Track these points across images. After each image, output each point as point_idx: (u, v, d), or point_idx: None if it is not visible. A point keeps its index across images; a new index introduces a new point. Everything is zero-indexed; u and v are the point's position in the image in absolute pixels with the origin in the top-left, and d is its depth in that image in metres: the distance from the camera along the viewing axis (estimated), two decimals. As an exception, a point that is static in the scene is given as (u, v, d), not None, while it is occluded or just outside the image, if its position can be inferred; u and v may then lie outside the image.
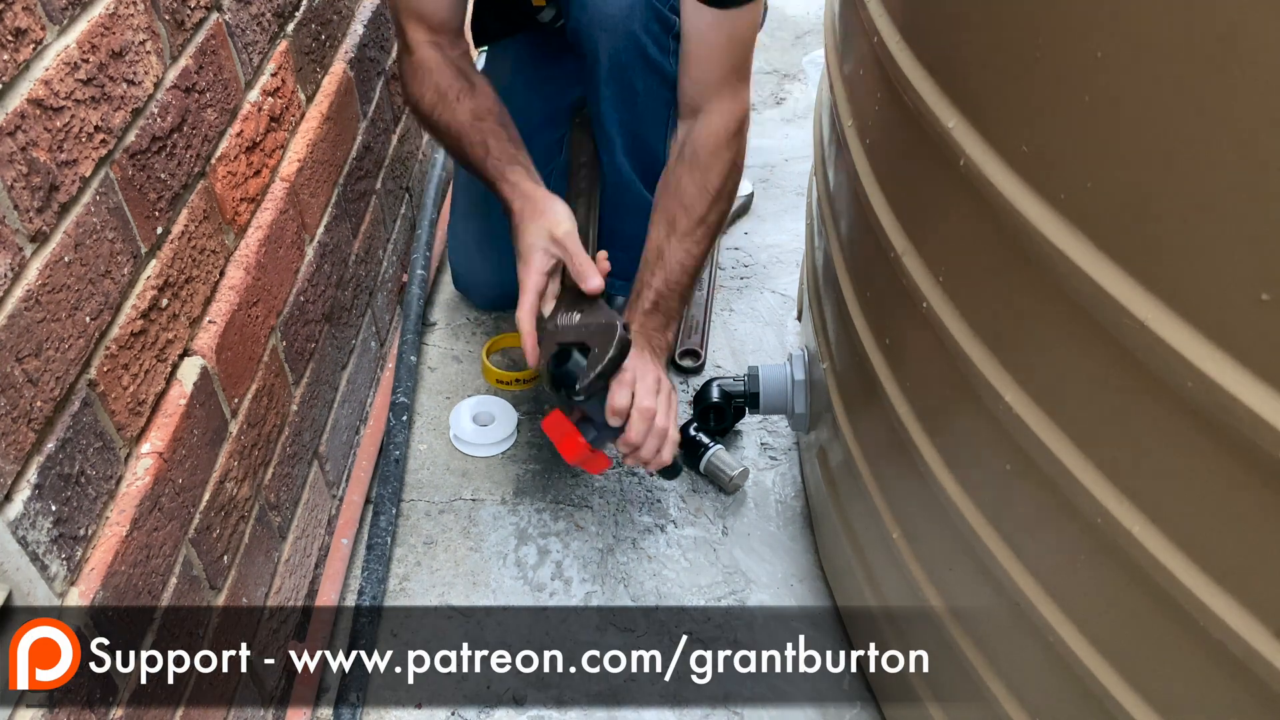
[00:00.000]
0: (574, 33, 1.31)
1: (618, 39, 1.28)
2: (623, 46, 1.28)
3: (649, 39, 1.28)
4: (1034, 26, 0.61)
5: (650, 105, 1.34)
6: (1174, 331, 0.53)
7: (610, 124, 1.35)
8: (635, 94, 1.32)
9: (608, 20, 1.26)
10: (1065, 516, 0.67)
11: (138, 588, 0.78)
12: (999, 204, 0.65)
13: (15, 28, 0.64)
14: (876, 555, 1.06)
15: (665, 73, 1.31)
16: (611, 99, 1.32)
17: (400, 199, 1.64)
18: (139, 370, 0.81)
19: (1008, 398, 0.69)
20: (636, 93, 1.32)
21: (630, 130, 1.36)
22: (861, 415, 1.05)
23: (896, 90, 0.80)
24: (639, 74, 1.30)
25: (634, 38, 1.27)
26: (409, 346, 1.55)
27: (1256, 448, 0.51)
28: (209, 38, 0.93)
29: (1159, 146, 0.53)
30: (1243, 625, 0.55)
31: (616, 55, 1.28)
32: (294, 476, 1.15)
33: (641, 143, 1.38)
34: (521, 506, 1.41)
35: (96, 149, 0.74)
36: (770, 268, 1.85)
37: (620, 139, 1.37)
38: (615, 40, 1.28)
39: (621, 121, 1.35)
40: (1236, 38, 0.48)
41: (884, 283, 0.90)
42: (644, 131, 1.37)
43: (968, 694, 0.87)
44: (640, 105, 1.34)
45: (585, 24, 1.28)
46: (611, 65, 1.29)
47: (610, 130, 1.36)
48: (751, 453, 1.50)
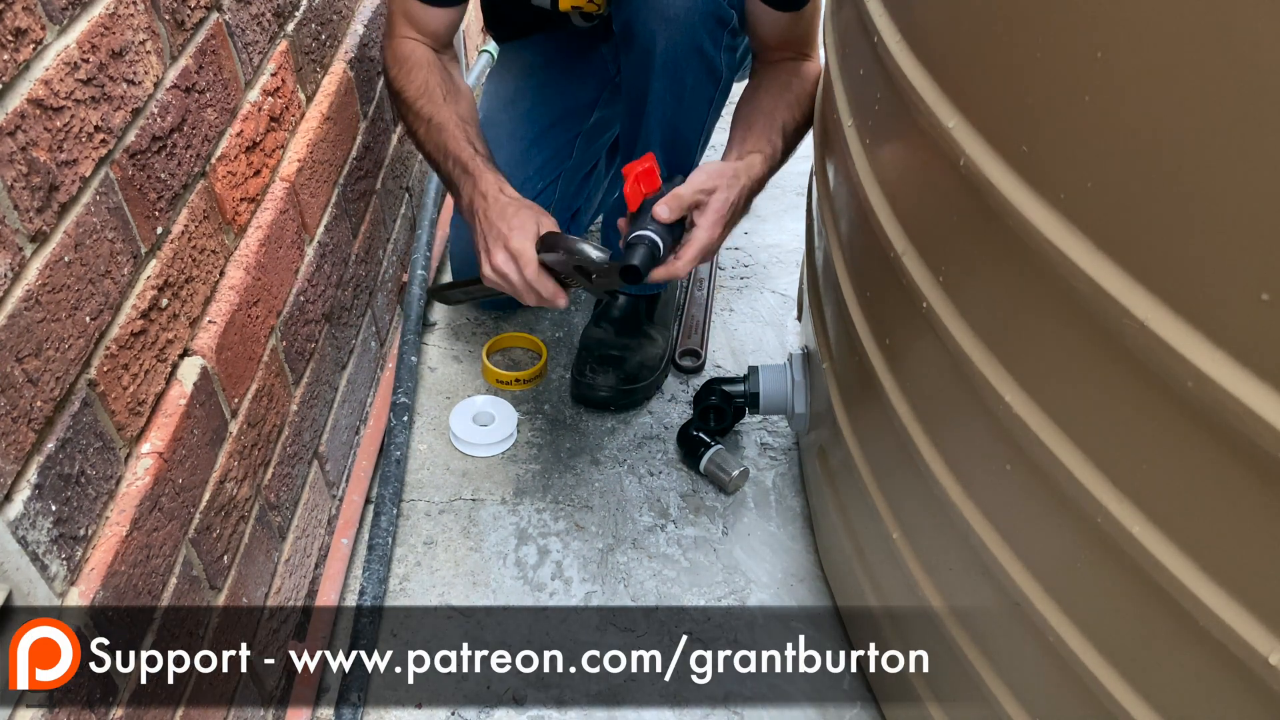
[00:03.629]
0: (626, 24, 1.31)
1: (677, 31, 1.28)
2: (680, 40, 1.29)
3: (705, 33, 1.29)
4: (1034, 26, 0.61)
5: (694, 101, 1.35)
6: (1174, 331, 0.53)
7: (653, 117, 1.35)
8: (684, 88, 1.33)
9: (670, 9, 1.27)
10: (1065, 516, 0.67)
11: (138, 588, 0.78)
12: (999, 204, 0.65)
13: (15, 28, 0.64)
14: (876, 555, 1.06)
15: (715, 68, 1.33)
16: (660, 92, 1.33)
17: (400, 199, 1.64)
18: (139, 370, 0.81)
19: (1008, 398, 0.69)
20: (685, 87, 1.33)
21: (672, 125, 1.37)
22: (861, 415, 1.05)
23: (896, 90, 0.80)
24: (691, 69, 1.31)
25: (693, 31, 1.28)
26: (409, 346, 1.55)
27: (1256, 448, 0.51)
28: (209, 37, 0.93)
29: (1159, 146, 0.53)
30: (1243, 625, 0.55)
31: (673, 49, 1.29)
32: (294, 476, 1.15)
33: (679, 138, 1.39)
34: (521, 506, 1.41)
35: (96, 149, 0.74)
36: (770, 268, 1.85)
37: (659, 132, 1.37)
38: (674, 34, 1.28)
39: (665, 115, 1.35)
40: (1236, 37, 0.48)
41: (884, 283, 0.90)
42: (684, 126, 1.38)
43: (968, 694, 0.87)
44: (686, 100, 1.34)
45: (645, 15, 1.28)
46: (667, 59, 1.30)
47: (651, 123, 1.36)
48: (751, 453, 1.50)
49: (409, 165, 1.69)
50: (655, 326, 1.60)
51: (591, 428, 1.54)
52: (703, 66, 1.31)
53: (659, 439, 1.52)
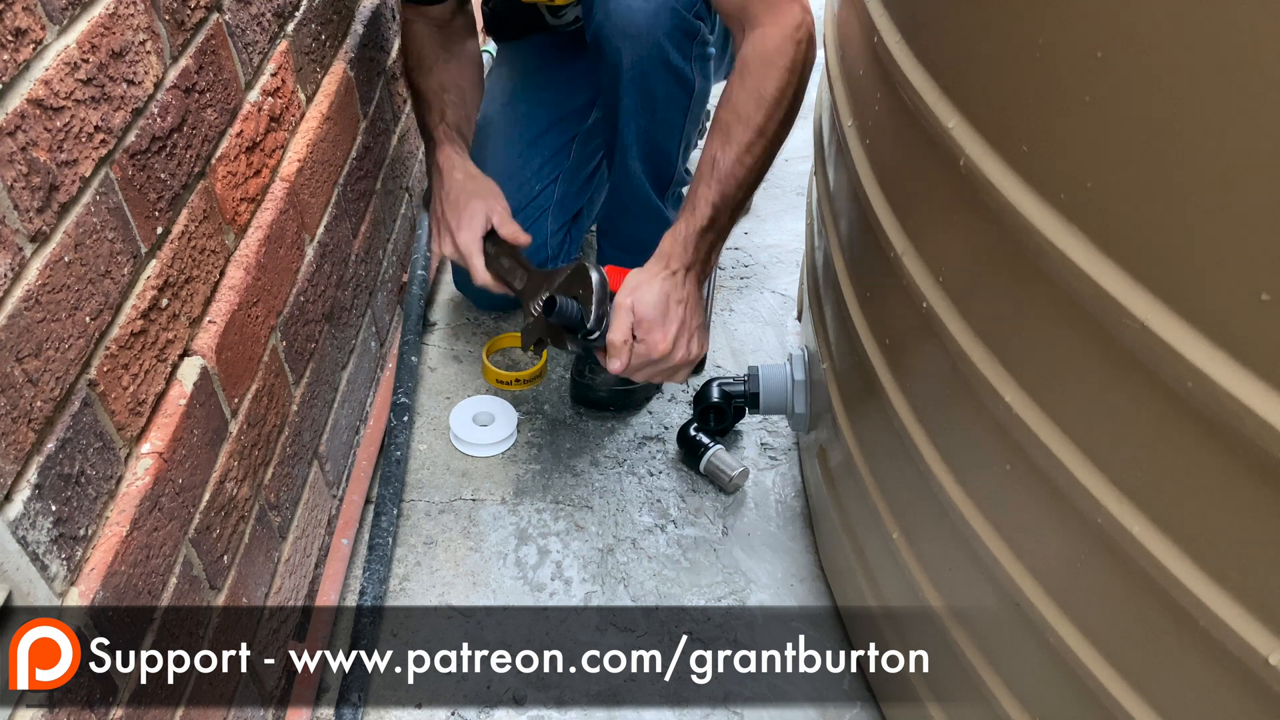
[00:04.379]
0: (595, 37, 1.31)
1: (641, 46, 1.27)
2: (646, 54, 1.28)
3: (672, 46, 1.28)
4: (1034, 26, 0.61)
5: (668, 112, 1.35)
6: (1174, 331, 0.53)
7: (628, 130, 1.35)
8: (655, 101, 1.32)
9: (632, 27, 1.26)
10: (1065, 516, 0.67)
11: (138, 588, 0.78)
12: (999, 204, 0.65)
13: (15, 28, 0.64)
14: (876, 555, 1.06)
15: (685, 79, 1.32)
16: (632, 106, 1.32)
17: (400, 199, 1.64)
18: (139, 370, 0.81)
19: (1008, 398, 0.69)
20: (657, 100, 1.32)
21: (647, 136, 1.36)
22: (861, 415, 1.05)
23: (896, 90, 0.80)
24: (660, 81, 1.31)
25: (658, 45, 1.27)
26: (409, 346, 1.55)
27: (1256, 448, 0.51)
28: (209, 38, 0.93)
29: (1159, 146, 0.53)
30: (1243, 625, 0.55)
31: (640, 63, 1.28)
32: (294, 476, 1.15)
33: (656, 148, 1.39)
34: (521, 506, 1.41)
35: (96, 149, 0.74)
36: (770, 268, 1.85)
37: (636, 145, 1.37)
38: (639, 48, 1.27)
39: (639, 128, 1.35)
40: (1236, 37, 0.48)
41: (884, 283, 0.90)
42: (660, 137, 1.37)
43: (968, 694, 0.87)
44: (659, 112, 1.34)
45: (608, 30, 1.28)
46: (634, 72, 1.29)
47: (627, 136, 1.36)
48: (751, 453, 1.50)
49: (409, 165, 1.69)
50: (656, 326, 1.60)
51: (591, 428, 1.54)
52: (671, 78, 1.31)
53: (659, 439, 1.52)
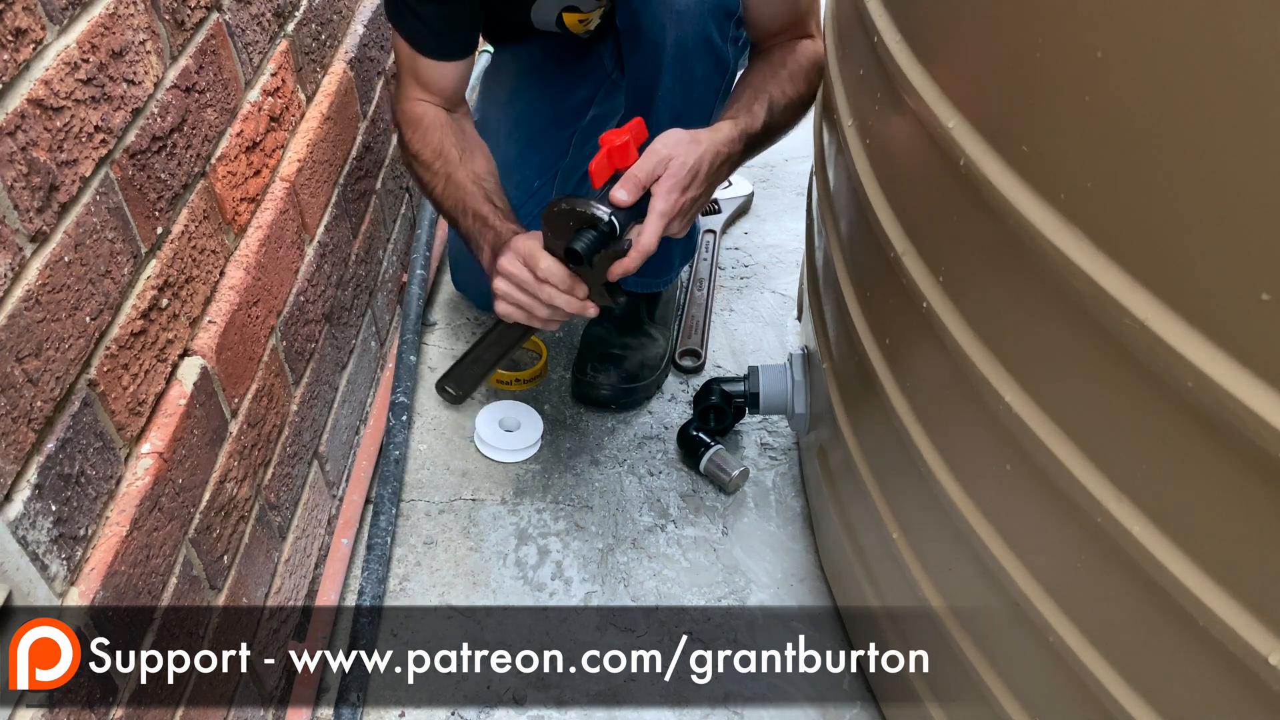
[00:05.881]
0: (632, 21, 1.31)
1: (686, 25, 1.28)
2: (690, 33, 1.29)
3: (714, 25, 1.29)
4: (1034, 26, 0.61)
5: (703, 93, 1.35)
6: (1174, 331, 0.53)
7: (662, 111, 1.35)
8: (694, 80, 1.33)
9: (679, 3, 1.28)
10: (1065, 516, 0.67)
11: (138, 588, 0.78)
12: (999, 204, 0.65)
13: (15, 28, 0.64)
14: (876, 555, 1.06)
15: (724, 59, 1.33)
16: (670, 84, 1.33)
17: (400, 199, 1.64)
18: (139, 370, 0.81)
19: (1008, 398, 0.69)
20: (695, 79, 1.33)
21: (680, 117, 1.36)
22: (861, 415, 1.05)
23: (896, 90, 0.80)
24: (701, 61, 1.31)
25: (702, 23, 1.28)
26: (409, 346, 1.55)
27: (1256, 448, 0.51)
28: (209, 37, 0.93)
29: (1159, 146, 0.53)
30: (1243, 625, 0.55)
31: (683, 41, 1.29)
32: (294, 476, 1.15)
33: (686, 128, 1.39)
34: (521, 506, 1.41)
35: (96, 149, 0.74)
36: (770, 268, 1.85)
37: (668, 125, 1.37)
38: (684, 27, 1.28)
39: (674, 108, 1.35)
40: (1236, 37, 0.48)
41: (884, 283, 0.90)
42: (692, 119, 1.37)
43: (968, 694, 0.87)
44: (696, 92, 1.34)
45: (651, 11, 1.29)
46: (676, 50, 1.30)
47: (660, 117, 1.36)
48: (751, 453, 1.50)
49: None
50: (656, 326, 1.60)
51: (591, 428, 1.54)
52: (712, 58, 1.32)
53: (659, 439, 1.52)
